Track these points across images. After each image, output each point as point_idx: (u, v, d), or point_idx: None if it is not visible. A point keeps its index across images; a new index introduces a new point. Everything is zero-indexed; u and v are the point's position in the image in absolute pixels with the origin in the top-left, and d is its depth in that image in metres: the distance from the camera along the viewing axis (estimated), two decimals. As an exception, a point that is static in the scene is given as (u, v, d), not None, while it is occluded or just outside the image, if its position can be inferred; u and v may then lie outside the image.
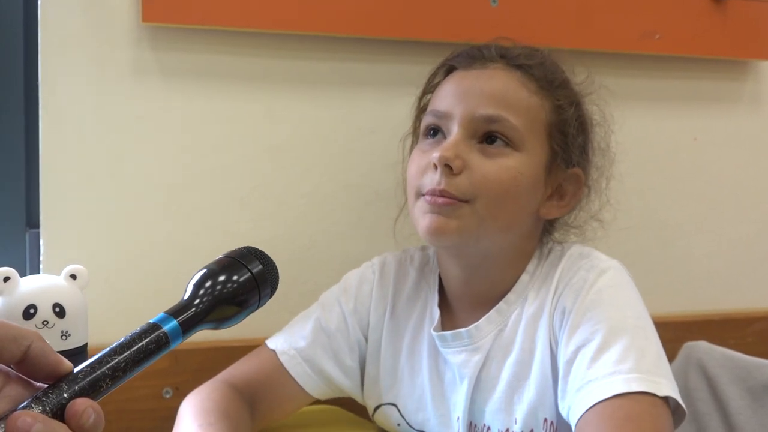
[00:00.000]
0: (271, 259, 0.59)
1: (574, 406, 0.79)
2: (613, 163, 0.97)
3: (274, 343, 0.96)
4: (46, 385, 0.48)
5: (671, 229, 1.33)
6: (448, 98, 0.90)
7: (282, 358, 0.95)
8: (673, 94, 1.30)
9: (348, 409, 1.07)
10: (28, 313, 0.76)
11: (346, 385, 0.98)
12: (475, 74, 0.90)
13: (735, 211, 1.36)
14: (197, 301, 0.55)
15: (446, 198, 0.84)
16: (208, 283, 0.56)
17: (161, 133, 1.06)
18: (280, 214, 1.12)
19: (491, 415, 0.88)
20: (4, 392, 0.47)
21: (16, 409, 0.46)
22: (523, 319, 0.88)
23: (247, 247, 0.59)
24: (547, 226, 0.94)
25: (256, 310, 0.59)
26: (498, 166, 0.85)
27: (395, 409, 0.97)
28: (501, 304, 0.90)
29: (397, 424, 0.97)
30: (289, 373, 0.94)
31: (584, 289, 0.84)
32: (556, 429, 0.85)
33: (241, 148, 1.10)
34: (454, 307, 0.94)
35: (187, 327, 0.53)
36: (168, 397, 1.05)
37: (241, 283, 0.57)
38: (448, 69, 0.95)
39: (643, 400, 0.75)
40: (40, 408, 0.46)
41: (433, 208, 0.85)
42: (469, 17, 1.13)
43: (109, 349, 0.50)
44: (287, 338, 0.96)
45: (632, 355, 0.78)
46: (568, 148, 0.90)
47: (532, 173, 0.87)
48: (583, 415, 0.77)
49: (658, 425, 0.75)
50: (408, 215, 0.94)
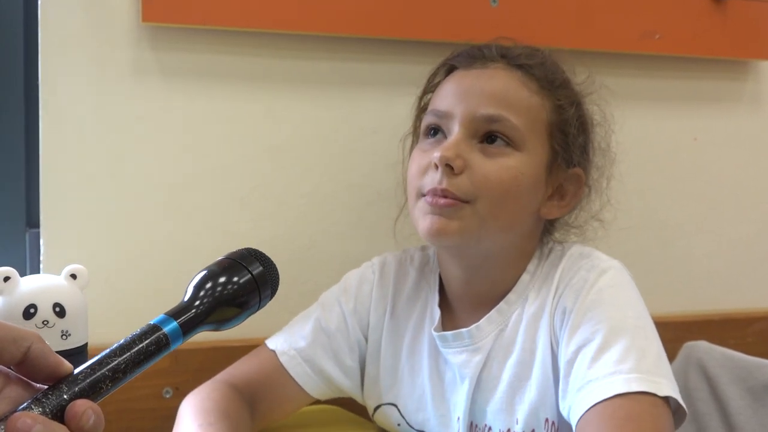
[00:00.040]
0: (272, 261, 0.59)
1: (575, 405, 0.79)
2: (614, 163, 0.97)
3: (273, 343, 0.96)
4: (46, 387, 0.48)
5: (671, 229, 1.33)
6: (449, 98, 0.90)
7: (282, 359, 0.95)
8: (673, 94, 1.30)
9: (348, 409, 1.07)
10: (28, 312, 0.76)
11: (346, 385, 0.98)
12: (476, 74, 0.90)
13: (735, 211, 1.36)
14: (197, 303, 0.55)
15: (448, 199, 0.84)
16: (209, 285, 0.55)
17: (161, 133, 1.06)
18: (280, 214, 1.12)
19: (493, 415, 0.88)
20: (4, 393, 0.47)
21: (16, 411, 0.45)
22: (523, 319, 0.88)
23: (248, 248, 0.59)
24: (548, 226, 0.94)
25: (256, 312, 0.59)
26: (499, 166, 0.85)
27: (395, 409, 0.97)
28: (502, 304, 0.90)
29: (397, 424, 0.97)
30: (288, 374, 0.94)
31: (585, 289, 0.84)
32: (558, 429, 0.85)
33: (242, 148, 1.10)
34: (455, 307, 0.94)
35: (188, 328, 0.53)
36: (168, 397, 1.05)
37: (242, 284, 0.57)
38: (449, 69, 0.95)
39: (643, 400, 0.75)
40: (40, 409, 0.46)
41: (434, 209, 0.84)
42: (470, 17, 1.13)
43: (109, 351, 0.50)
44: (287, 338, 0.96)
45: (633, 355, 0.78)
46: (569, 147, 0.90)
47: (533, 173, 0.87)
48: (583, 415, 0.77)
49: (658, 425, 0.75)
50: (408, 215, 0.94)
